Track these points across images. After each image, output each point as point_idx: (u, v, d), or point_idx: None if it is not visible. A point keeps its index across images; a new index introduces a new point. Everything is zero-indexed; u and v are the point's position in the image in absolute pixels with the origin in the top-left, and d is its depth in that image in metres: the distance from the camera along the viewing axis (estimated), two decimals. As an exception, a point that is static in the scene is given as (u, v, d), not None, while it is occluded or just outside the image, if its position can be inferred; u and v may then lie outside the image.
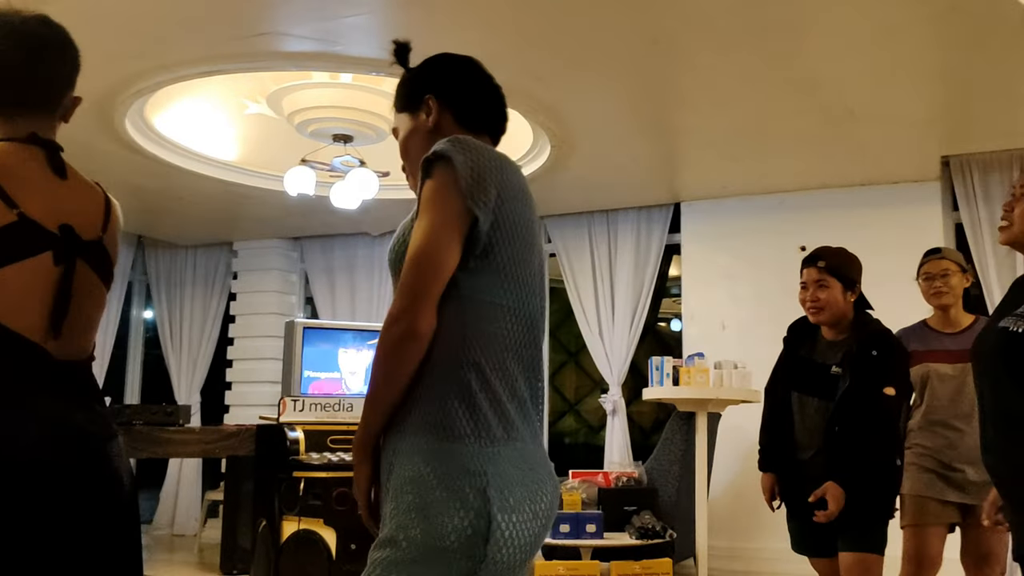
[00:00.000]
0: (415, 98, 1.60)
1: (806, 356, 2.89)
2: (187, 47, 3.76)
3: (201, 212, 6.39)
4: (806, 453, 2.79)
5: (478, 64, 1.67)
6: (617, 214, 6.32)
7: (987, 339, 1.81)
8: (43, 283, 1.45)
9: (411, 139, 1.60)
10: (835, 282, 2.80)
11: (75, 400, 1.48)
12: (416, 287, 1.36)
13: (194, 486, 7.14)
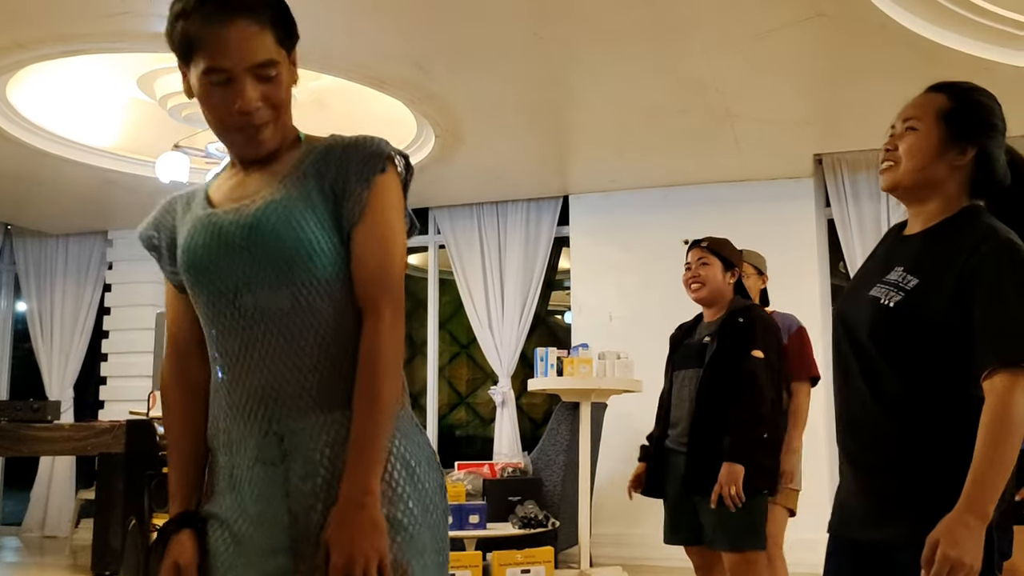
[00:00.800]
0: (294, 36, 1.31)
1: (686, 341, 3.03)
2: (44, 24, 3.56)
3: (71, 199, 6.09)
4: (677, 427, 2.88)
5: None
6: (507, 206, 6.35)
7: (855, 310, 1.62)
8: None
9: (290, 90, 1.32)
10: (715, 260, 2.95)
11: None
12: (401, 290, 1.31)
13: (66, 485, 6.83)
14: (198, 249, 1.29)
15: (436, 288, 6.68)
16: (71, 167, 5.30)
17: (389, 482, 1.25)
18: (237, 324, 1.28)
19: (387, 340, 1.25)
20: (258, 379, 1.28)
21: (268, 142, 1.30)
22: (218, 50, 1.23)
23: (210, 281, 1.29)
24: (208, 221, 1.30)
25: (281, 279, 1.26)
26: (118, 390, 6.81)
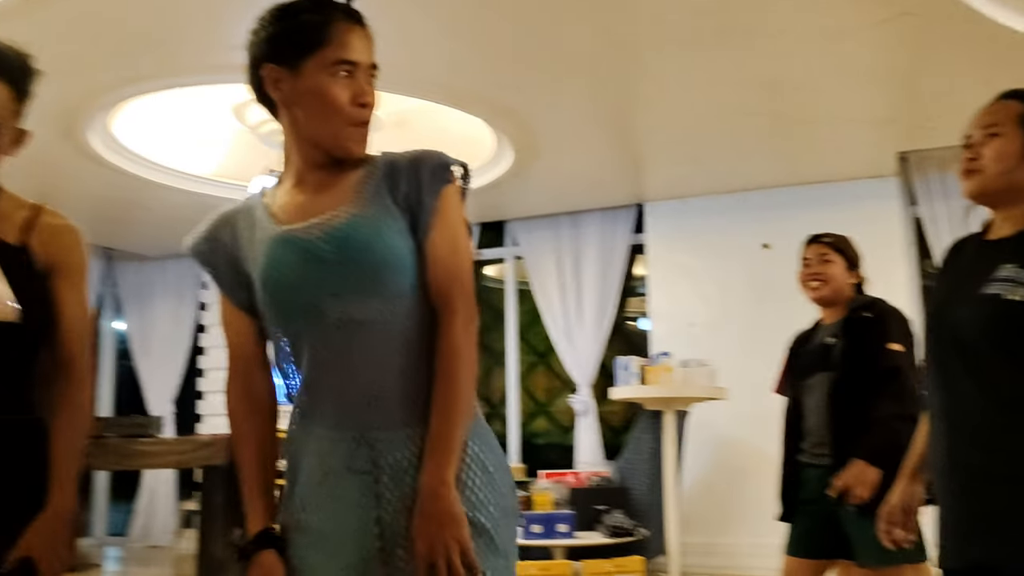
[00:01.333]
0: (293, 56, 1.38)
1: (806, 346, 2.80)
2: (151, 61, 3.78)
3: (168, 223, 6.36)
4: (812, 438, 2.64)
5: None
6: (582, 216, 6.40)
7: (964, 309, 1.57)
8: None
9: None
10: (838, 258, 2.74)
11: None
12: (472, 294, 1.37)
13: (169, 497, 7.13)
14: (282, 266, 1.32)
15: (515, 299, 6.77)
16: (167, 193, 5.58)
17: (470, 486, 1.29)
18: (323, 336, 1.31)
19: (463, 337, 1.31)
20: (347, 390, 1.31)
21: (365, 142, 1.37)
22: (349, 44, 1.34)
23: (295, 296, 1.32)
24: (289, 237, 1.33)
25: (370, 290, 1.29)
26: (215, 404, 7.09)
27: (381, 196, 1.34)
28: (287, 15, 1.36)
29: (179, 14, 3.43)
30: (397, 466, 1.29)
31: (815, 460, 2.62)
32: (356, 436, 1.30)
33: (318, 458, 1.32)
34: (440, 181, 1.34)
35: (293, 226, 1.34)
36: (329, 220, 1.32)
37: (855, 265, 2.77)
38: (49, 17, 3.26)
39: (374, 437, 1.30)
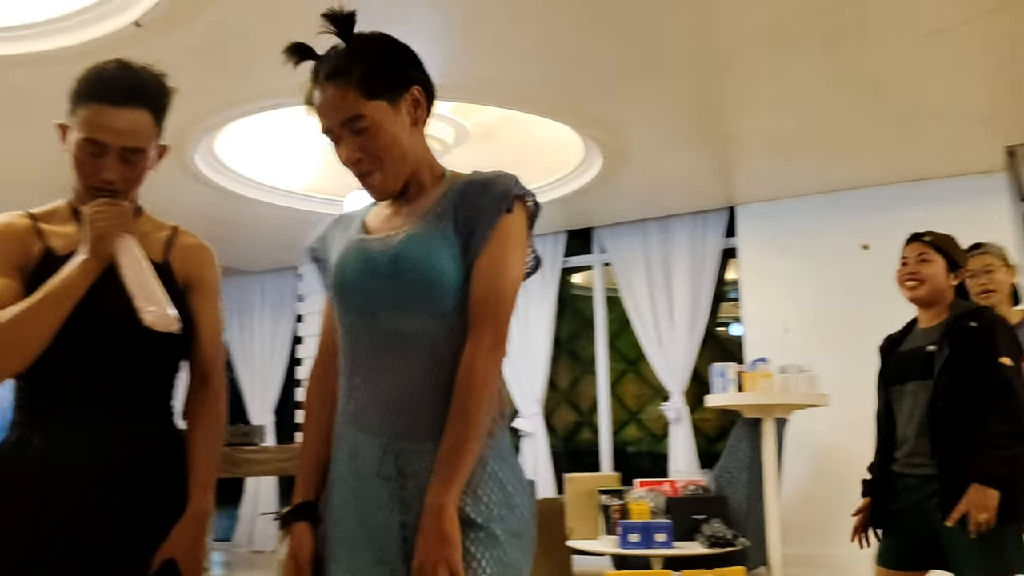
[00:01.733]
0: (399, 87, 1.41)
1: (901, 350, 2.71)
2: (253, 83, 3.93)
3: (267, 238, 6.61)
4: (906, 447, 2.57)
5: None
6: (671, 220, 6.34)
7: None
8: None
9: (398, 137, 1.40)
10: (939, 258, 2.63)
11: None
12: (507, 320, 1.37)
13: (270, 503, 7.34)
14: (346, 270, 1.41)
15: (603, 306, 6.75)
16: (269, 209, 5.77)
17: (486, 502, 1.33)
18: (371, 343, 1.38)
19: (483, 362, 1.33)
20: (383, 396, 1.37)
21: (383, 185, 1.42)
22: (321, 113, 1.42)
23: (353, 300, 1.40)
24: (359, 246, 1.42)
25: (415, 305, 1.36)
26: (312, 414, 7.28)
27: (443, 218, 1.40)
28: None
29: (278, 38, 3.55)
30: (422, 475, 1.33)
31: (909, 470, 2.55)
32: (385, 443, 1.36)
33: (352, 458, 1.39)
34: (498, 210, 1.38)
35: (366, 236, 1.44)
36: (392, 236, 1.40)
37: (957, 266, 2.66)
38: (160, 47, 3.42)
39: (402, 446, 1.36)
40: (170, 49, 3.44)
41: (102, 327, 1.54)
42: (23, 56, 3.59)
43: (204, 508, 1.62)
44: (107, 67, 1.60)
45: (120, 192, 1.59)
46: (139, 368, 1.60)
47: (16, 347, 1.46)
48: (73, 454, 1.53)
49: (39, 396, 1.57)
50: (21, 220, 1.62)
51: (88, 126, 1.55)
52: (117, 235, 1.52)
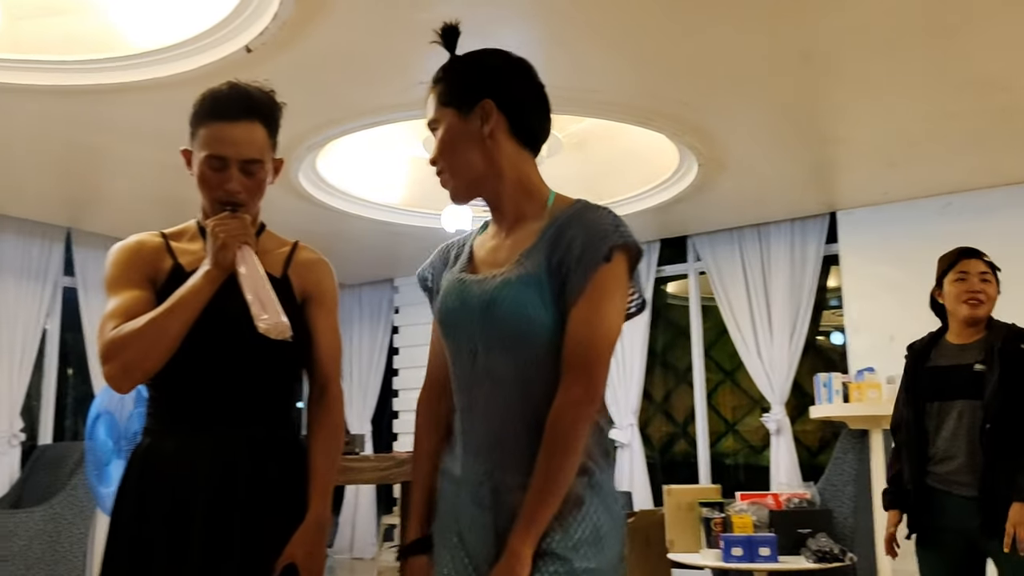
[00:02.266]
0: (470, 97, 1.44)
1: (936, 365, 2.78)
2: (355, 100, 4.05)
3: (365, 252, 6.77)
4: (948, 465, 2.62)
5: (534, 70, 1.50)
6: (769, 227, 6.21)
7: None
8: None
9: (460, 144, 1.45)
10: (994, 280, 2.77)
11: None
12: (604, 370, 1.36)
13: (369, 511, 7.49)
14: (449, 307, 1.45)
15: (699, 315, 6.65)
16: (367, 224, 5.92)
17: (576, 540, 1.32)
18: (471, 378, 1.42)
19: (571, 416, 1.32)
20: (482, 431, 1.40)
21: (449, 188, 1.49)
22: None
23: (455, 336, 1.44)
24: (460, 284, 1.45)
25: (508, 350, 1.38)
26: (410, 423, 7.38)
27: (538, 260, 1.39)
28: (530, 84, 1.49)
29: (377, 58, 3.65)
30: (513, 511, 1.34)
31: (954, 488, 2.59)
32: (482, 475, 1.40)
33: (454, 488, 1.44)
34: (595, 261, 1.35)
35: (466, 276, 1.46)
36: (489, 280, 1.42)
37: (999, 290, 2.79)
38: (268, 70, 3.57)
39: (498, 479, 1.38)
40: (277, 72, 3.57)
41: (224, 336, 1.62)
42: (143, 82, 3.79)
43: (324, 515, 1.67)
44: (220, 88, 1.70)
45: (243, 205, 1.67)
46: (260, 376, 1.67)
47: (147, 353, 1.55)
48: (200, 458, 1.60)
49: (167, 403, 1.66)
50: (153, 239, 1.73)
51: (208, 143, 1.64)
52: (237, 245, 1.60)
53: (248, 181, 1.67)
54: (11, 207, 5.72)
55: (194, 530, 1.57)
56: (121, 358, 1.54)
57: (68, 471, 5.52)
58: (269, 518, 1.62)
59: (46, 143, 4.59)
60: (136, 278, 1.65)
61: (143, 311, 1.58)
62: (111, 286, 1.66)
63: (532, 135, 1.48)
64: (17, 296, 5.86)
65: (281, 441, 1.69)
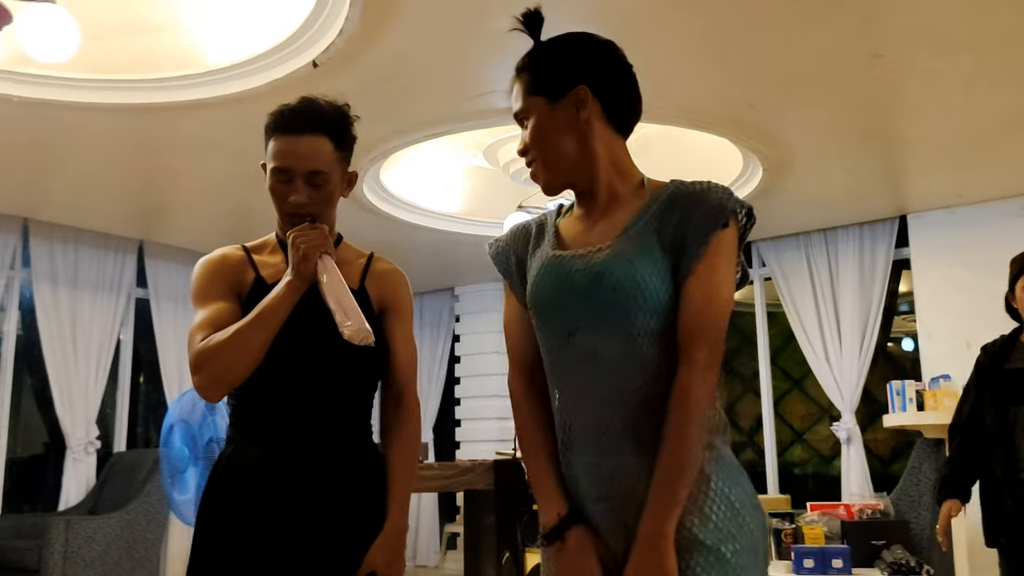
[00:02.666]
0: (561, 85, 1.39)
1: (1017, 367, 2.78)
2: (418, 112, 4.09)
3: (426, 261, 6.83)
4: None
5: (622, 51, 1.45)
6: (836, 232, 6.08)
7: None
8: None
9: (552, 133, 1.40)
10: None
11: None
12: (720, 340, 1.31)
13: (432, 519, 7.53)
14: (544, 288, 1.39)
15: (764, 322, 6.54)
16: (429, 234, 5.97)
17: (715, 520, 1.27)
18: (572, 360, 1.36)
19: (698, 385, 1.27)
20: (588, 414, 1.34)
21: (540, 179, 1.45)
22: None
23: (552, 318, 1.38)
24: (556, 263, 1.39)
25: (617, 326, 1.32)
26: (472, 431, 7.43)
27: (647, 233, 1.35)
28: (622, 68, 1.45)
29: (441, 68, 3.69)
30: (634, 496, 1.29)
31: None
32: (596, 461, 1.33)
33: (574, 479, 1.37)
34: (711, 226, 1.31)
35: (563, 253, 1.40)
36: (591, 254, 1.36)
37: None
38: (334, 84, 3.63)
39: (612, 465, 1.32)
40: (342, 85, 3.63)
41: (306, 345, 1.65)
42: (213, 99, 3.89)
43: (403, 522, 1.69)
44: (290, 103, 1.73)
45: (316, 216, 1.69)
46: (340, 385, 1.69)
47: (233, 363, 1.58)
48: (282, 467, 1.63)
49: (250, 411, 1.69)
50: (235, 252, 1.77)
51: (275, 156, 1.68)
52: (318, 255, 1.62)
53: (315, 193, 1.69)
54: (88, 221, 5.92)
55: (277, 537, 1.60)
56: (210, 369, 1.58)
57: (142, 478, 5.67)
58: (350, 526, 1.64)
59: (120, 159, 4.74)
60: (221, 291, 1.69)
61: (229, 323, 1.62)
62: (198, 299, 1.70)
63: (625, 118, 1.44)
64: (93, 307, 6.06)
65: (359, 449, 1.71)
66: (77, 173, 4.95)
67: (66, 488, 5.82)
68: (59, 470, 5.88)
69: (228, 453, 1.70)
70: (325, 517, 1.62)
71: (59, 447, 5.93)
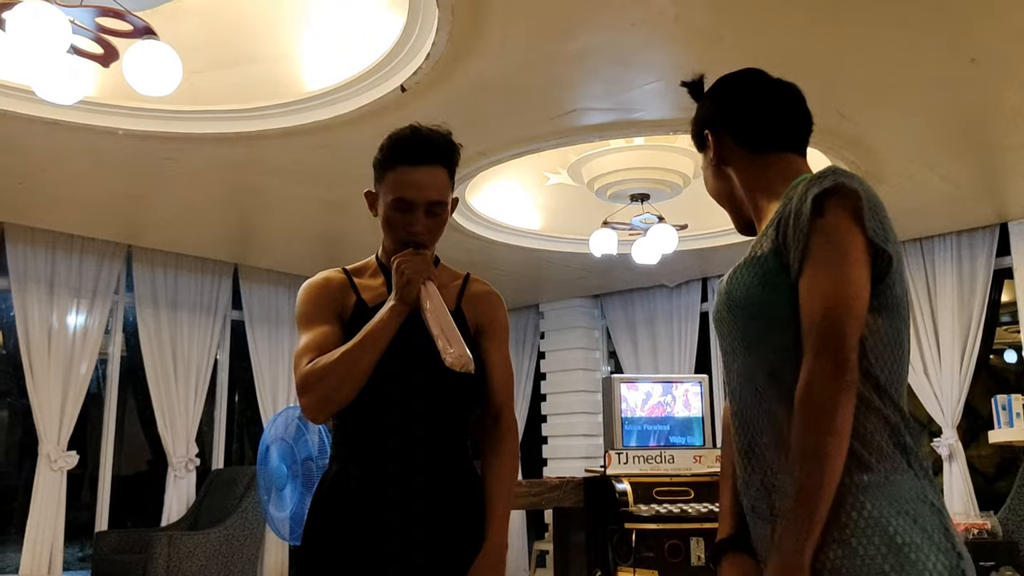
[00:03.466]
0: (698, 137, 1.54)
1: None
2: (504, 132, 4.14)
3: (511, 279, 6.87)
4: None
5: (757, 75, 1.51)
6: (932, 241, 5.88)
7: None
8: None
9: (710, 181, 1.55)
10: None
11: None
12: (843, 332, 1.19)
13: (519, 536, 7.53)
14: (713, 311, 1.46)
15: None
16: (514, 252, 6.02)
17: (862, 556, 1.14)
18: (734, 379, 1.39)
19: (821, 388, 1.17)
20: (747, 438, 1.34)
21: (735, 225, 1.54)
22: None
23: (719, 340, 1.44)
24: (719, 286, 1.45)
25: (748, 341, 1.32)
26: (559, 448, 7.42)
27: (764, 245, 1.33)
28: (745, 94, 1.53)
29: (525, 88, 3.72)
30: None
31: None
32: (760, 478, 1.32)
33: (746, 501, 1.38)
34: (805, 218, 1.24)
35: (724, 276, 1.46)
36: (727, 276, 1.40)
37: None
38: (421, 107, 3.71)
39: (771, 481, 1.29)
40: (429, 108, 3.71)
41: (407, 368, 1.68)
42: (305, 126, 4.01)
43: (503, 541, 1.70)
44: (403, 134, 1.75)
45: (423, 244, 1.73)
46: (440, 406, 1.71)
47: (340, 385, 1.62)
48: (386, 486, 1.66)
49: (353, 432, 1.72)
50: (337, 275, 1.81)
51: (396, 187, 1.71)
52: (421, 281, 1.65)
53: (431, 222, 1.73)
54: (186, 246, 6.17)
55: (383, 557, 1.63)
56: (318, 390, 1.62)
57: (239, 494, 5.84)
58: (452, 545, 1.66)
59: (217, 186, 4.93)
60: (325, 314, 1.73)
61: (334, 345, 1.66)
62: (303, 322, 1.74)
63: (755, 136, 1.47)
64: (191, 329, 6.30)
65: (459, 469, 1.74)
66: (177, 201, 5.17)
67: (168, 504, 6.04)
68: (161, 487, 6.11)
69: (333, 473, 1.74)
70: (428, 536, 1.65)
71: (161, 464, 6.17)
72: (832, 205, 1.24)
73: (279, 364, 6.68)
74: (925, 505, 1.20)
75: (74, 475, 5.83)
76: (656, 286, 7.14)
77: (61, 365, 5.59)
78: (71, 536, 5.78)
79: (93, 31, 2.96)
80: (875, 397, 1.23)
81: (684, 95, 1.62)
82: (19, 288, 5.53)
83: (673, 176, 4.79)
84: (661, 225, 4.92)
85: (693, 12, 3.13)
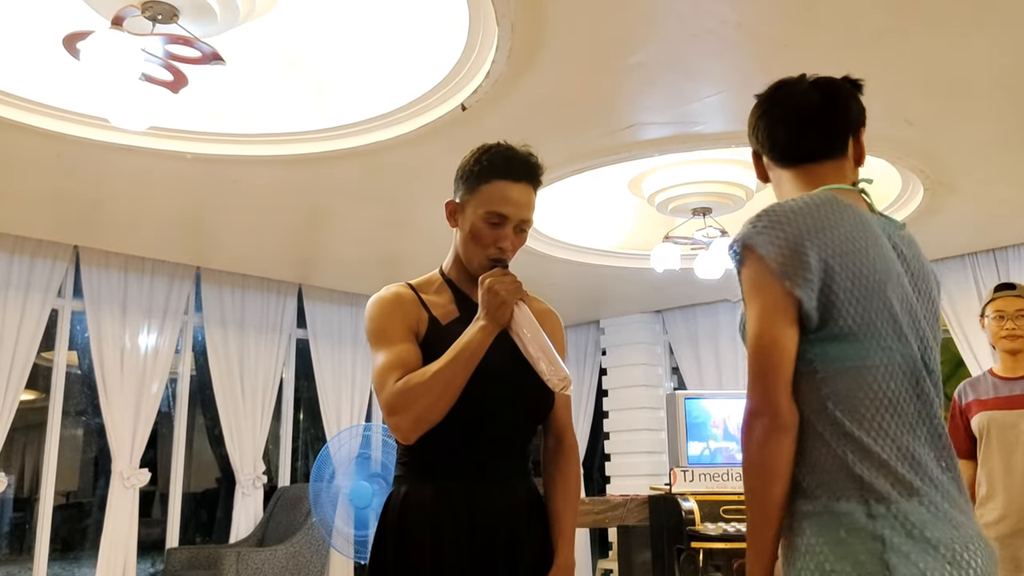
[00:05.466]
0: (756, 161, 1.67)
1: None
2: (564, 148, 4.14)
3: (571, 295, 6.85)
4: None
5: (779, 87, 1.58)
6: (1007, 252, 5.69)
7: None
8: None
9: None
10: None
11: None
12: (766, 379, 1.32)
13: (583, 554, 7.46)
14: None
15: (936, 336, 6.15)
16: (575, 268, 5.99)
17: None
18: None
19: (746, 429, 1.34)
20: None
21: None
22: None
23: None
24: None
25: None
26: (622, 466, 7.34)
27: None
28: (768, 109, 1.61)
29: (585, 104, 3.72)
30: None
31: None
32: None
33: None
34: (736, 265, 1.42)
35: None
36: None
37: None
38: (481, 125, 3.73)
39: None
40: (489, 126, 3.72)
41: (487, 388, 1.65)
42: (366, 147, 4.07)
43: (572, 560, 1.68)
44: (498, 148, 1.75)
45: (506, 262, 1.72)
46: (513, 427, 1.71)
47: (435, 404, 1.59)
48: (459, 504, 1.65)
49: (427, 453, 1.69)
50: (406, 291, 1.79)
51: (491, 200, 1.70)
52: (514, 302, 1.64)
53: (516, 240, 1.73)
54: (253, 267, 6.30)
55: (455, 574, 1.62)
56: (413, 410, 1.58)
57: (305, 511, 5.92)
58: (525, 566, 1.65)
59: (281, 208, 5.03)
60: (403, 330, 1.70)
61: (417, 363, 1.64)
62: (379, 338, 1.70)
63: (795, 150, 1.54)
64: (258, 348, 6.42)
65: (526, 490, 1.72)
66: (243, 222, 5.29)
67: (236, 521, 6.14)
68: (229, 504, 6.22)
69: (404, 491, 1.71)
70: (504, 557, 1.64)
71: (229, 482, 6.28)
72: (748, 255, 1.39)
73: (342, 382, 6.77)
74: (864, 535, 1.25)
75: (146, 492, 5.97)
76: (719, 301, 7.04)
77: (133, 384, 5.75)
78: (143, 552, 5.92)
79: (163, 58, 3.06)
80: (826, 429, 1.33)
81: (746, 107, 1.61)
82: (93, 309, 5.71)
83: (735, 189, 4.72)
84: (724, 239, 4.85)
85: (756, 20, 3.09)
